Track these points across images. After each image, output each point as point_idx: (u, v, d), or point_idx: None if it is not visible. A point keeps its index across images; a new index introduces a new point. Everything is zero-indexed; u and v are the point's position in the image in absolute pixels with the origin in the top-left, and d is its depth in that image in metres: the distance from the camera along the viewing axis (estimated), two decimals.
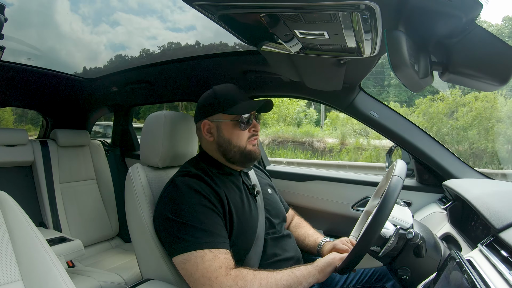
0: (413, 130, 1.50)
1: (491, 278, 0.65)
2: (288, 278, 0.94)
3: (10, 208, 0.80)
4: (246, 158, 1.12)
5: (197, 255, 0.90)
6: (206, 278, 0.87)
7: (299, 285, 0.95)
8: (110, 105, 2.64)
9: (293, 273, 0.96)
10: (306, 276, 0.97)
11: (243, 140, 1.11)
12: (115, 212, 2.44)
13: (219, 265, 0.89)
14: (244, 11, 0.79)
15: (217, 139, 1.12)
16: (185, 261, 0.91)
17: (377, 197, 1.16)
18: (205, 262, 0.89)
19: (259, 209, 1.14)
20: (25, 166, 2.15)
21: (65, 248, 1.66)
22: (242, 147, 1.11)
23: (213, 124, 1.12)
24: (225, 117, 1.10)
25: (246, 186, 1.17)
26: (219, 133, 1.12)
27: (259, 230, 1.08)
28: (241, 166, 1.16)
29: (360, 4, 0.65)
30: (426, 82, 0.72)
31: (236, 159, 1.12)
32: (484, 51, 0.65)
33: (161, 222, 1.01)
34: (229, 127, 1.11)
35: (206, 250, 0.90)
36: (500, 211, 0.87)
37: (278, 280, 0.92)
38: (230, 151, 1.11)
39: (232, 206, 1.04)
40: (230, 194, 1.07)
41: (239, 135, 1.11)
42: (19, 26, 1.72)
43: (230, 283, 0.87)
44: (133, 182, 1.11)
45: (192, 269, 0.89)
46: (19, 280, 0.75)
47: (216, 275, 0.87)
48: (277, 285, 0.91)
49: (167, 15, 3.69)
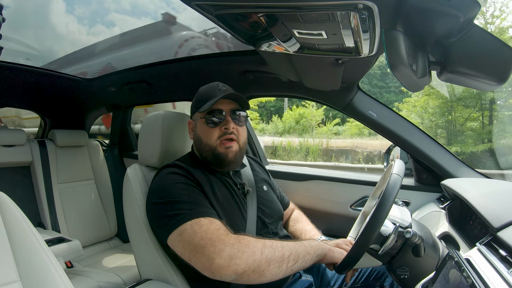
0: (411, 129, 1.50)
1: (489, 277, 0.65)
2: (294, 244, 0.91)
3: (8, 209, 0.79)
4: (217, 161, 1.08)
5: (192, 223, 0.87)
6: (207, 239, 0.83)
7: (307, 254, 0.91)
8: (108, 105, 2.64)
9: (301, 242, 0.94)
10: (314, 247, 0.94)
11: (212, 139, 1.07)
12: (113, 212, 2.43)
13: (217, 227, 0.86)
14: (242, 11, 0.79)
15: (194, 138, 1.14)
16: (181, 233, 0.87)
17: (374, 197, 1.15)
18: (202, 226, 0.86)
19: (249, 208, 1.10)
20: (23, 166, 2.14)
21: (64, 249, 1.65)
22: (212, 147, 1.08)
23: (193, 123, 1.15)
24: (199, 115, 1.11)
25: (235, 184, 1.14)
26: (195, 132, 1.13)
27: (248, 228, 1.06)
28: (218, 168, 1.12)
29: (358, 4, 0.66)
30: (424, 82, 0.72)
31: (209, 159, 1.10)
32: (482, 51, 0.66)
33: (150, 211, 1.01)
34: (200, 125, 1.11)
35: (200, 218, 0.88)
36: (499, 210, 0.87)
37: (284, 244, 0.89)
38: (203, 150, 1.10)
39: (216, 195, 1.02)
40: (214, 186, 1.05)
41: (208, 133, 1.08)
42: (16, 27, 1.72)
43: (233, 240, 0.83)
44: (131, 182, 1.11)
45: (189, 237, 0.85)
46: (17, 281, 0.75)
47: (217, 234, 0.84)
48: (283, 248, 0.87)
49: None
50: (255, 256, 0.82)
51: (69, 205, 2.21)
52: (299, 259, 0.88)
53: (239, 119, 1.11)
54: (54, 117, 2.60)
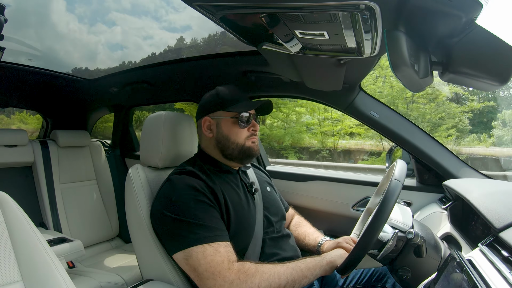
0: (413, 130, 1.50)
1: (491, 278, 0.64)
2: (291, 271, 0.94)
3: (10, 209, 0.80)
4: (244, 155, 1.14)
5: (198, 250, 0.90)
6: (209, 273, 0.88)
7: (304, 278, 0.95)
8: (110, 106, 2.64)
9: (298, 266, 0.96)
10: (312, 268, 0.97)
11: (242, 138, 1.13)
12: (115, 213, 2.44)
13: (221, 260, 0.90)
14: (244, 11, 0.79)
15: (216, 136, 1.15)
16: (187, 257, 0.92)
17: (378, 194, 1.16)
18: (207, 257, 0.90)
19: (257, 207, 1.14)
20: (25, 166, 2.16)
21: (66, 249, 1.66)
22: (241, 144, 1.13)
23: (213, 121, 1.15)
24: (226, 114, 1.13)
25: (244, 184, 1.18)
26: (219, 130, 1.14)
27: (257, 228, 1.08)
28: (239, 163, 1.18)
29: (360, 4, 0.65)
30: (426, 82, 0.72)
31: (234, 155, 1.14)
32: (484, 51, 0.65)
33: (157, 219, 1.02)
34: (229, 124, 1.13)
35: (205, 245, 0.91)
36: (501, 211, 0.86)
37: (281, 273, 0.92)
38: (228, 148, 1.13)
39: (229, 202, 1.04)
40: (227, 191, 1.07)
41: (238, 133, 1.13)
42: (17, 27, 1.72)
43: (233, 277, 0.87)
44: (133, 183, 1.11)
45: (195, 264, 0.90)
46: (19, 281, 0.75)
47: (219, 269, 0.88)
48: (280, 278, 0.91)
49: (162, 15, 3.71)
50: None
51: (71, 205, 2.21)
52: (295, 285, 0.93)
53: (258, 121, 1.21)
54: (56, 117, 2.61)
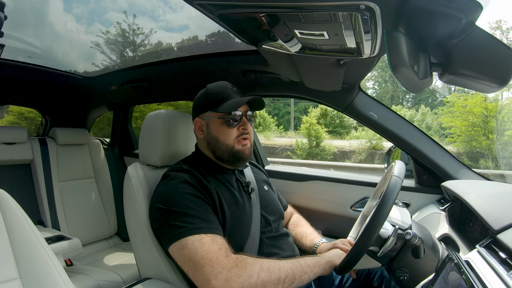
0: (412, 131, 1.50)
1: (489, 280, 0.65)
2: (291, 265, 0.92)
3: (8, 206, 0.80)
4: (234, 158, 1.12)
5: (194, 239, 0.88)
6: (206, 260, 0.85)
7: (304, 274, 0.93)
8: (109, 104, 2.64)
9: (297, 262, 0.95)
10: (311, 265, 0.96)
11: (231, 139, 1.10)
12: (113, 211, 2.44)
13: (218, 247, 0.87)
14: (244, 10, 0.79)
15: (207, 137, 1.14)
16: (182, 247, 0.89)
17: (375, 198, 1.15)
18: (204, 245, 0.87)
19: (253, 207, 1.13)
20: (24, 164, 2.15)
21: (64, 247, 1.66)
22: (230, 146, 1.10)
23: (203, 122, 1.14)
24: (214, 115, 1.11)
25: (240, 183, 1.17)
26: (208, 131, 1.13)
27: (253, 227, 1.08)
28: (230, 165, 1.15)
29: (360, 5, 0.65)
30: (426, 83, 0.72)
31: (225, 157, 1.12)
32: (484, 53, 0.66)
33: (154, 214, 1.01)
34: (217, 125, 1.11)
35: (203, 235, 0.89)
36: (498, 213, 0.87)
37: (281, 266, 0.91)
38: (218, 149, 1.12)
39: (223, 201, 1.03)
40: (221, 190, 1.06)
41: (227, 133, 1.10)
42: (15, 26, 1.72)
43: (231, 264, 0.85)
44: (132, 181, 1.11)
45: (190, 253, 0.87)
46: (17, 279, 0.75)
47: (217, 255, 0.85)
48: (280, 270, 0.89)
49: (159, 15, 3.71)
50: (251, 280, 0.84)
51: (70, 203, 2.21)
52: (295, 280, 0.91)
53: (251, 119, 1.16)
54: (55, 115, 2.61)
